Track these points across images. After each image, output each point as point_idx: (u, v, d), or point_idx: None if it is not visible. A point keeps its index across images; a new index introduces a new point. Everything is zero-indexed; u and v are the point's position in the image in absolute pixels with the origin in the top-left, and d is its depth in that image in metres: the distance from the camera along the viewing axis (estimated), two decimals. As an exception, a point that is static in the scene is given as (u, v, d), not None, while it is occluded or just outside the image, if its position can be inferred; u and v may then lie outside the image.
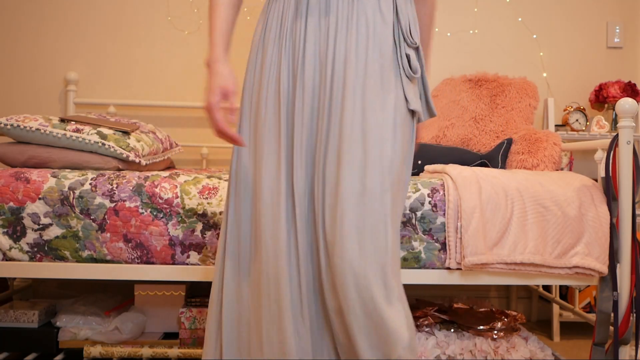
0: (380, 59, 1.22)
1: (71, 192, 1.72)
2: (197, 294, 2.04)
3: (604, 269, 1.73)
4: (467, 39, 2.84)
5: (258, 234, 1.22)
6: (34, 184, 1.73)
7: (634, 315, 1.73)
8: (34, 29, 2.74)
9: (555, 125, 2.70)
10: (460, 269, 1.73)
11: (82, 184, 1.74)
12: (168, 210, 1.72)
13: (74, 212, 1.72)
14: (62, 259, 1.73)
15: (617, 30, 2.84)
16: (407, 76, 1.25)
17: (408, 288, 1.53)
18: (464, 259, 1.69)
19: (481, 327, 1.91)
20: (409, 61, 1.25)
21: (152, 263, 1.74)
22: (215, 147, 2.75)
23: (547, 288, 2.57)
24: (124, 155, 1.93)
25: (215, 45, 1.24)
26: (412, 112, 1.27)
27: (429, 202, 1.74)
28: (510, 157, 2.28)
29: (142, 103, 2.73)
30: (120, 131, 2.00)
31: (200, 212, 1.72)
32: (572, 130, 2.65)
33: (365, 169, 1.16)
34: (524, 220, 1.74)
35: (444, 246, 1.74)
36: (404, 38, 1.26)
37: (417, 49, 1.29)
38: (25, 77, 2.75)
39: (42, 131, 1.90)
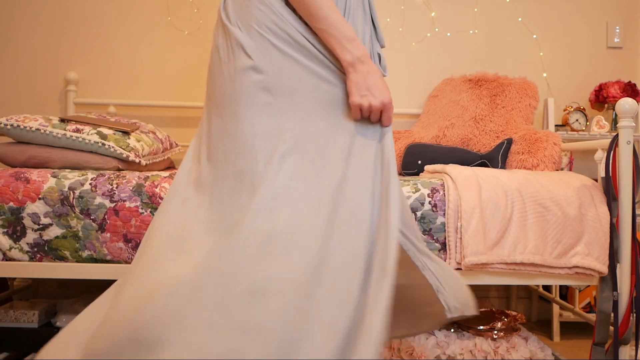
0: None
1: (71, 192, 1.72)
2: (197, 294, 2.04)
3: (604, 269, 1.73)
4: (467, 39, 2.84)
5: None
6: (34, 184, 1.73)
7: (634, 315, 1.73)
8: (34, 29, 2.74)
9: (555, 125, 2.70)
10: (460, 269, 1.73)
11: (82, 184, 1.73)
12: (168, 210, 1.72)
13: (74, 212, 1.72)
14: (62, 259, 1.73)
15: (617, 30, 2.84)
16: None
17: (408, 288, 1.53)
18: (464, 259, 1.69)
19: (481, 327, 1.91)
20: (380, 60, 1.24)
21: (152, 263, 1.73)
22: (215, 147, 2.75)
23: (547, 288, 2.57)
24: (124, 155, 1.92)
25: (359, 41, 1.12)
26: None
27: (429, 202, 1.74)
28: (510, 157, 2.28)
29: (142, 103, 2.73)
30: (120, 131, 1.99)
31: (200, 212, 1.72)
32: (572, 130, 2.65)
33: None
34: (524, 220, 1.74)
35: (444, 246, 1.74)
36: (377, 38, 1.24)
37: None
38: (25, 77, 2.75)
39: (42, 131, 1.90)
